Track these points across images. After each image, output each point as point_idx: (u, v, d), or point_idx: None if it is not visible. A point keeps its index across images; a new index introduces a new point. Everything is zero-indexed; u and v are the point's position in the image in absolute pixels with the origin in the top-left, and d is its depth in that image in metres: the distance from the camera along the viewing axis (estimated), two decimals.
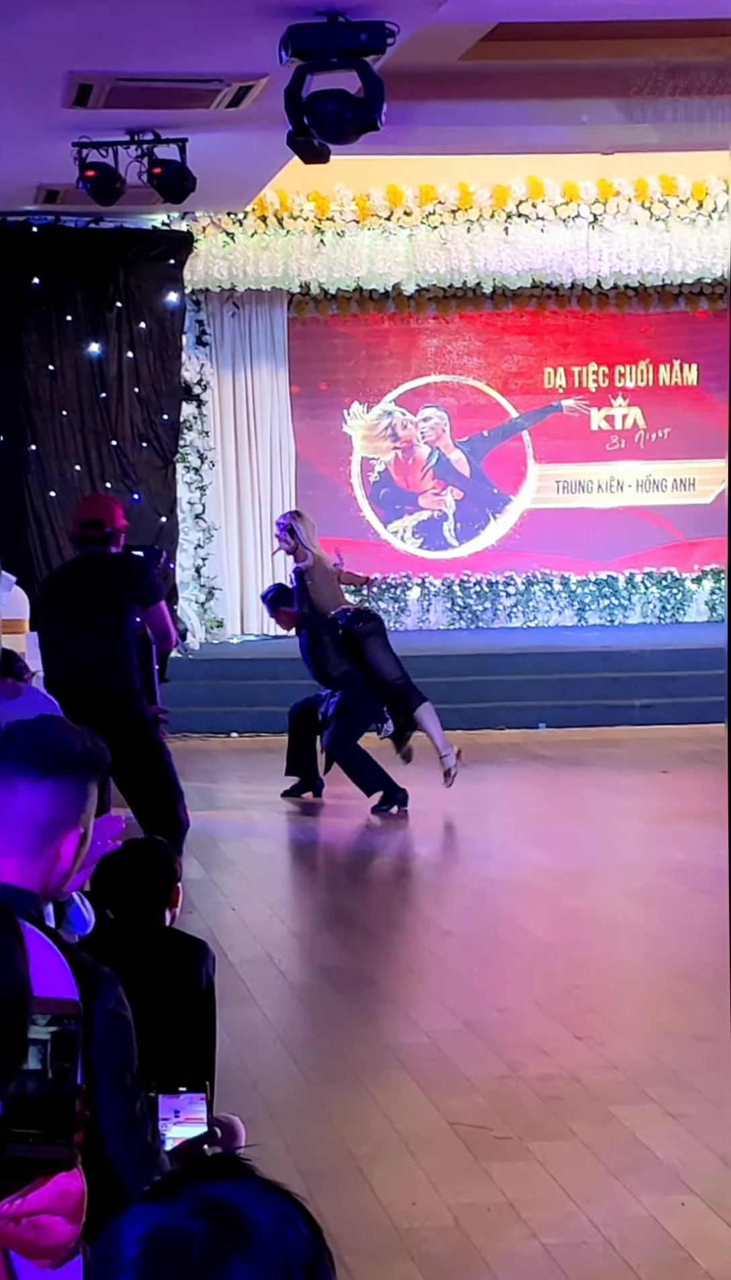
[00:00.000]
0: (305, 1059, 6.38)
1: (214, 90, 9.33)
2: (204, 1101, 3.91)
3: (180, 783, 8.88)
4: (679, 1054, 6.29)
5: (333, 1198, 5.09)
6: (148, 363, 13.71)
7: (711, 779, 11.86)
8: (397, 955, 7.83)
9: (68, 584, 8.79)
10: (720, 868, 9.41)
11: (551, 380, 15.98)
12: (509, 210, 14.37)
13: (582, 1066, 6.20)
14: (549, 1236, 4.78)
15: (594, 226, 14.46)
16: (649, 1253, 4.68)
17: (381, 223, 14.35)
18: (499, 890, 9.11)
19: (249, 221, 14.29)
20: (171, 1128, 3.89)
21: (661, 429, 16.03)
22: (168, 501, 13.91)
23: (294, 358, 15.48)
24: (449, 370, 15.89)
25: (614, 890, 9.14)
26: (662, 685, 13.96)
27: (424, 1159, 5.35)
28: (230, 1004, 6.77)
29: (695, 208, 14.45)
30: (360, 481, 15.86)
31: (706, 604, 16.10)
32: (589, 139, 12.05)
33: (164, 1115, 3.91)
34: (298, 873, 9.89)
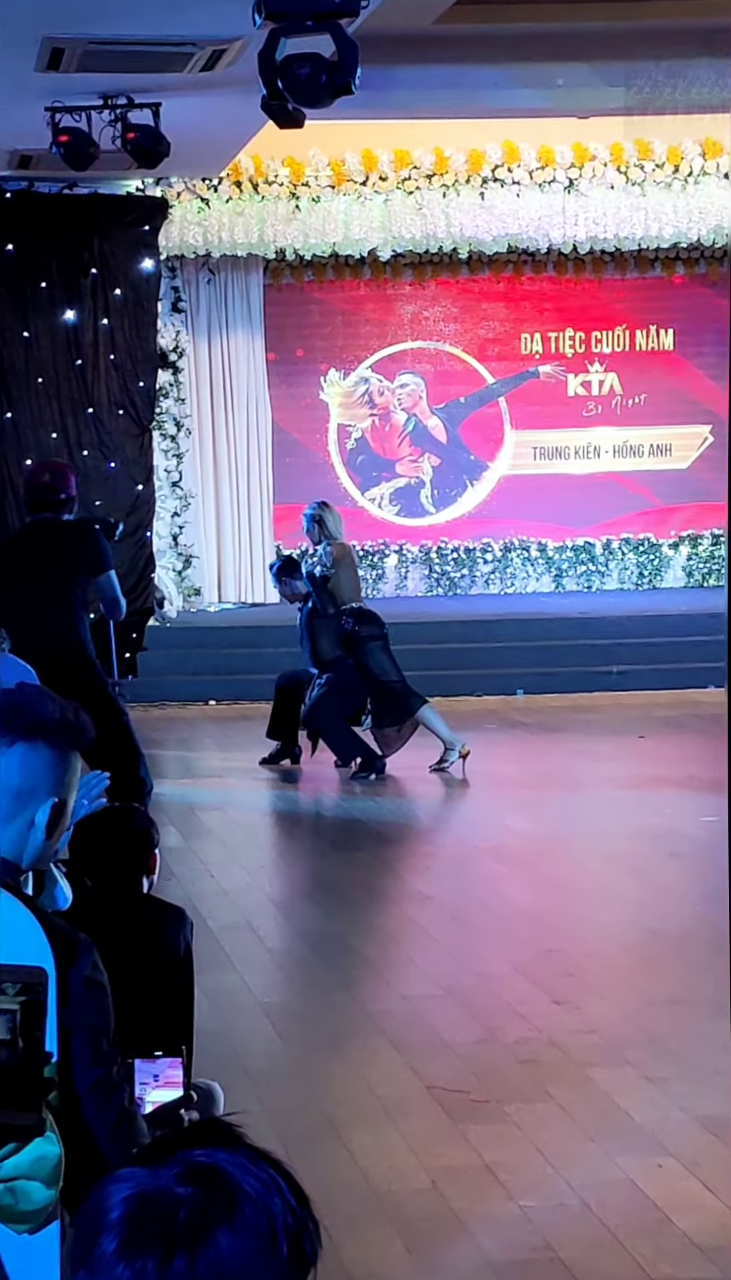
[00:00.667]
0: (284, 1024, 6.39)
1: (187, 54, 9.27)
2: (181, 1066, 3.93)
3: (140, 745, 8.88)
4: (656, 1018, 6.32)
5: (311, 1162, 5.11)
6: (123, 330, 13.64)
7: (688, 744, 11.92)
8: (376, 921, 7.85)
9: (22, 551, 8.68)
10: (696, 833, 9.49)
11: (528, 346, 15.95)
12: (484, 175, 14.32)
13: (560, 1030, 6.23)
14: (526, 1199, 4.80)
15: (570, 191, 14.41)
16: (626, 1214, 4.71)
17: (357, 188, 14.29)
18: (477, 856, 9.13)
19: (224, 187, 14.22)
20: (150, 1092, 3.91)
21: (638, 394, 16.02)
22: (144, 469, 13.86)
23: (270, 324, 15.43)
24: (425, 336, 15.86)
25: (591, 855, 9.16)
26: (640, 651, 13.98)
27: (402, 1123, 5.37)
28: (209, 970, 6.79)
29: (671, 172, 14.41)
30: (337, 448, 15.83)
31: (683, 570, 16.12)
32: (564, 103, 12.00)
33: (142, 1080, 3.92)
34: (276, 840, 9.91)
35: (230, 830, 9.65)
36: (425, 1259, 4.48)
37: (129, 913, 5.10)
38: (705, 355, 16.10)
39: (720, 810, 9.92)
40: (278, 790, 10.91)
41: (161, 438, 14.53)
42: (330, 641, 11.02)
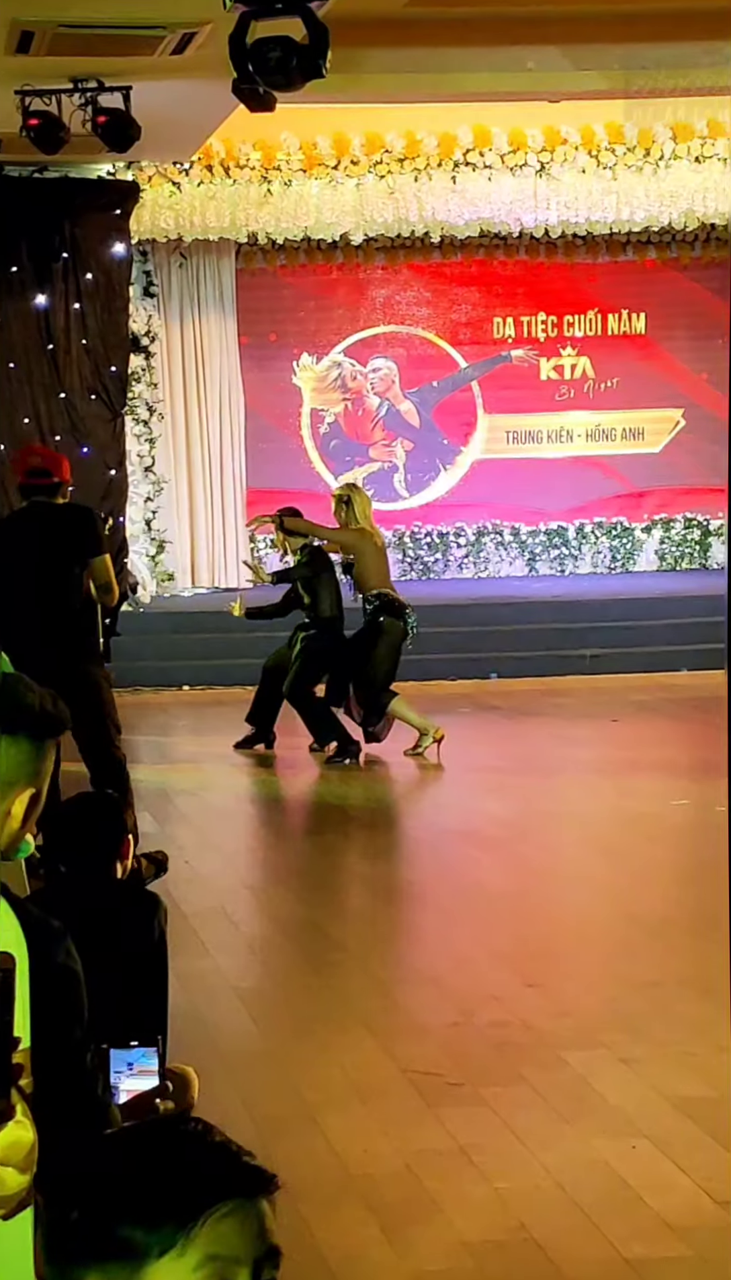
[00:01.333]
0: (258, 1009, 6.40)
1: (158, 37, 9.24)
2: (156, 1054, 3.93)
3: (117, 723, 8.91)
4: (630, 1000, 6.34)
5: (286, 1145, 5.13)
6: (95, 314, 13.61)
7: (661, 727, 11.95)
8: (351, 906, 7.86)
9: (20, 532, 8.69)
10: (669, 816, 9.52)
11: (500, 330, 15.95)
12: (456, 159, 14.30)
13: (535, 1013, 6.25)
14: (500, 1181, 4.82)
15: (541, 175, 14.40)
16: (599, 1195, 4.73)
17: (329, 172, 14.26)
18: (451, 840, 9.15)
19: (195, 171, 14.18)
20: (124, 1080, 3.90)
21: (610, 378, 16.04)
22: (117, 454, 13.84)
23: (242, 308, 15.40)
24: (398, 320, 15.84)
25: (566, 839, 9.19)
26: (613, 634, 14.02)
27: (376, 1106, 5.38)
28: (184, 956, 6.79)
29: (642, 156, 14.41)
30: (310, 433, 15.81)
31: (656, 553, 16.15)
32: (535, 86, 11.98)
33: (116, 1068, 3.92)
34: (251, 825, 9.91)
35: (205, 816, 9.64)
36: (400, 1241, 4.50)
37: (102, 899, 5.10)
38: (677, 339, 16.13)
39: (691, 793, 9.96)
40: (253, 775, 10.91)
41: (134, 422, 14.50)
42: (331, 600, 10.97)
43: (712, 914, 7.54)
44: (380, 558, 11.11)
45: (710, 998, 6.30)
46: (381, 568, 11.11)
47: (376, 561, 11.04)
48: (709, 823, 9.33)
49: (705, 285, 16.04)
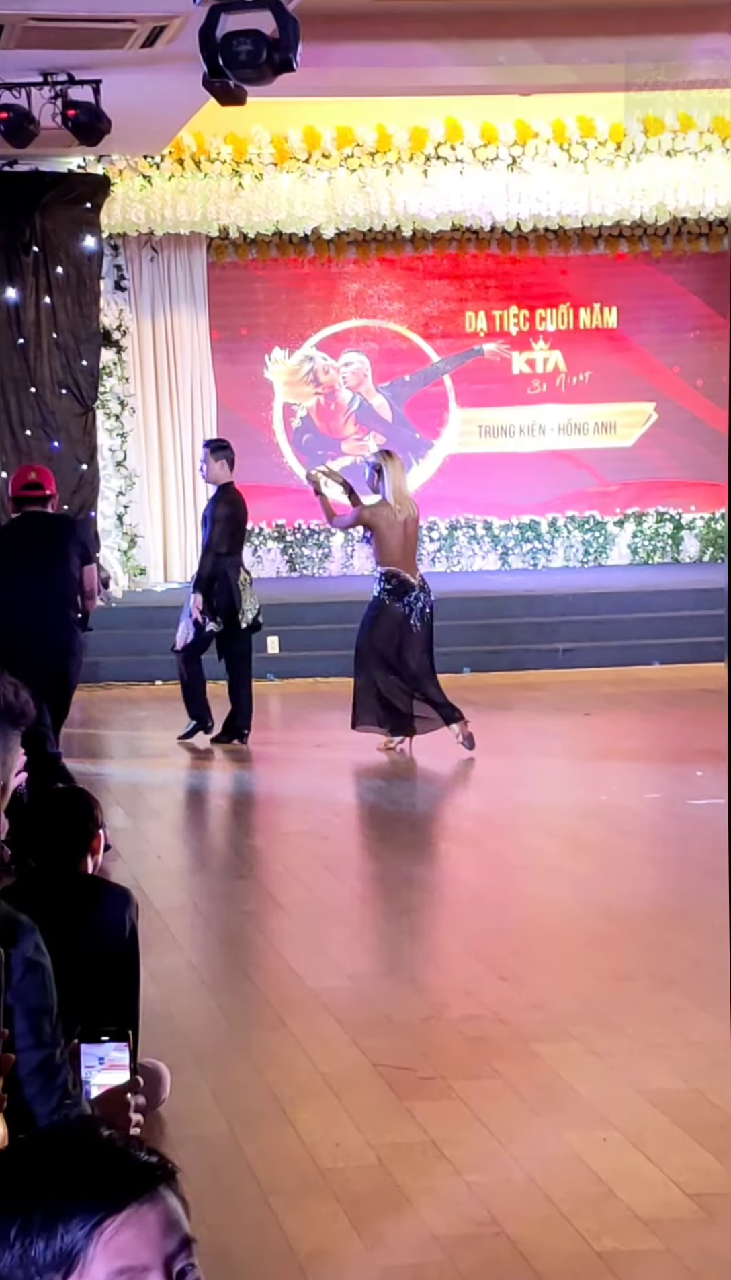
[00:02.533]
0: (229, 1003, 6.39)
1: (127, 30, 9.21)
2: (127, 1049, 3.92)
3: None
4: (601, 993, 6.35)
5: (257, 1140, 5.13)
6: (66, 308, 13.56)
7: (634, 721, 11.98)
8: (322, 899, 7.85)
9: (18, 540, 9.25)
10: (643, 809, 9.54)
11: (472, 324, 15.96)
12: (427, 152, 14.30)
13: (506, 1007, 6.25)
14: (471, 1174, 4.82)
15: (512, 169, 14.40)
16: (571, 1188, 4.73)
17: (300, 165, 14.24)
18: (424, 834, 9.16)
19: (166, 164, 14.14)
20: (95, 1075, 3.89)
21: (582, 372, 16.06)
22: (88, 449, 13.80)
23: (214, 302, 15.38)
24: (370, 314, 15.84)
25: (538, 833, 9.19)
26: (585, 629, 14.03)
27: (347, 1100, 5.38)
28: (155, 951, 6.78)
29: (613, 149, 14.42)
30: (282, 427, 15.80)
31: (629, 547, 16.18)
32: (506, 80, 11.98)
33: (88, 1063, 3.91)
34: (223, 820, 9.90)
35: (177, 810, 9.64)
36: (370, 1234, 4.50)
37: (73, 894, 5.09)
38: (648, 333, 16.15)
39: (663, 787, 9.99)
40: (224, 770, 10.90)
41: (105, 417, 14.47)
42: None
43: (683, 907, 7.57)
44: (397, 532, 10.69)
45: (681, 990, 6.32)
46: (397, 543, 10.73)
47: (392, 536, 10.68)
48: (680, 816, 9.36)
49: (676, 279, 16.07)
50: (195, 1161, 5.01)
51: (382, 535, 10.69)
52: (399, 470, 10.85)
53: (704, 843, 8.68)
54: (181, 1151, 5.08)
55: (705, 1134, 5.04)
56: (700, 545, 16.25)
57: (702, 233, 15.74)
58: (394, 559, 10.72)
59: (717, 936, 6.91)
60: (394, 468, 10.76)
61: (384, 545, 10.68)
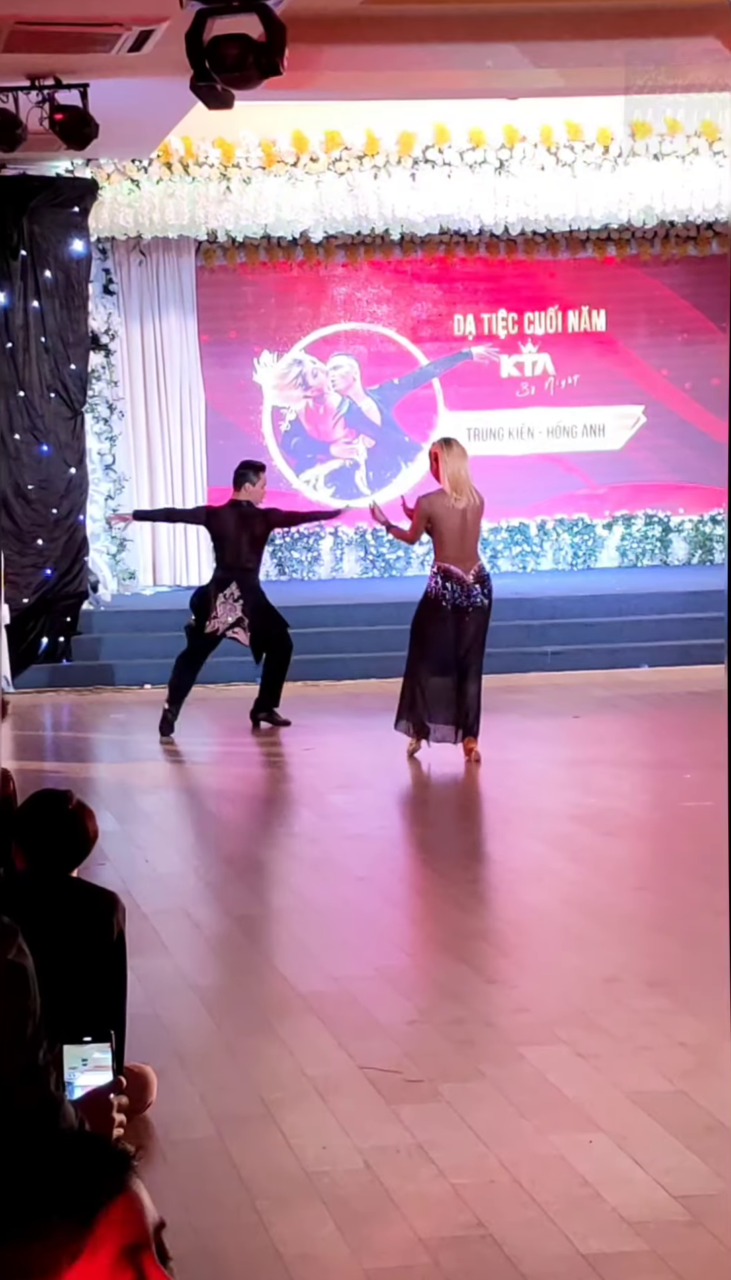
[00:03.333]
0: (217, 1007, 6.39)
1: (115, 34, 9.22)
2: (110, 1050, 3.92)
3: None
4: (588, 995, 6.36)
5: (244, 1143, 5.13)
6: (54, 312, 13.56)
7: (622, 724, 11.98)
8: (310, 903, 7.85)
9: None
10: (630, 812, 9.54)
11: (461, 327, 15.97)
12: (415, 156, 14.31)
13: (493, 1009, 6.26)
14: (458, 1177, 4.83)
15: (500, 172, 14.42)
16: (557, 1190, 4.74)
17: (288, 169, 14.24)
18: (411, 837, 9.16)
19: (154, 168, 14.14)
20: (79, 1076, 3.90)
21: (571, 375, 16.07)
22: (77, 452, 13.80)
23: (202, 306, 15.38)
24: (358, 318, 15.84)
25: (526, 835, 9.20)
26: (574, 632, 14.04)
27: (334, 1103, 5.38)
28: (143, 954, 6.78)
29: (601, 153, 14.44)
30: (271, 430, 15.80)
31: (618, 550, 16.19)
32: (494, 84, 11.99)
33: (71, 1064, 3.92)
34: (211, 823, 9.89)
35: (165, 814, 9.63)
36: (356, 1237, 4.50)
37: (60, 897, 5.09)
38: (637, 336, 16.17)
39: (651, 790, 9.99)
40: (212, 773, 10.90)
41: (94, 420, 14.47)
42: None
43: (670, 909, 7.59)
44: (455, 521, 10.33)
45: (667, 992, 6.33)
46: (454, 534, 10.36)
47: (449, 526, 10.32)
48: (669, 819, 9.37)
49: (664, 282, 16.09)
50: (182, 1165, 5.02)
51: (440, 525, 10.32)
52: (457, 458, 10.43)
53: (692, 845, 8.69)
54: (169, 1155, 5.08)
55: (691, 1136, 5.05)
56: (689, 548, 16.26)
57: (690, 236, 15.76)
58: (449, 554, 10.39)
59: (704, 939, 6.93)
60: (451, 455, 10.39)
61: (440, 537, 10.34)
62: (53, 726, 12.67)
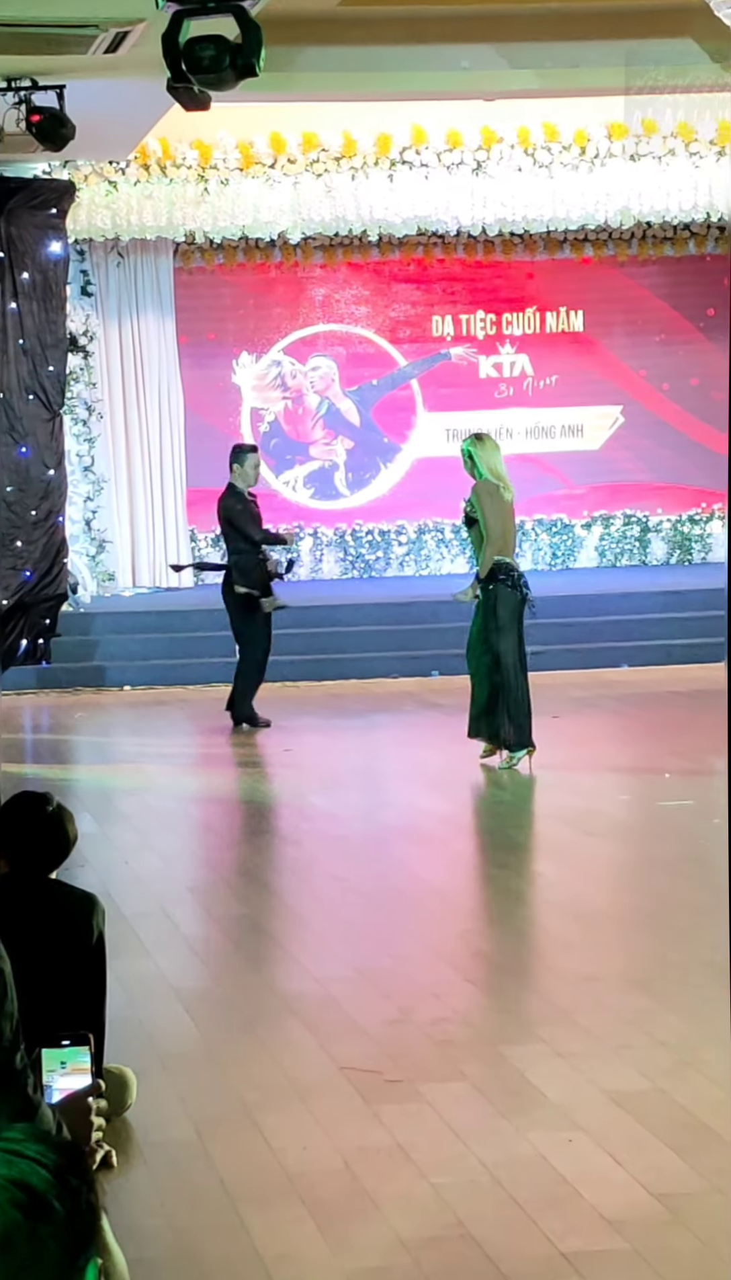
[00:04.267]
0: (198, 1009, 6.39)
1: (90, 36, 9.21)
2: (89, 1052, 3.92)
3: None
4: (568, 995, 6.37)
5: (224, 1145, 5.13)
6: (32, 314, 13.53)
7: (602, 724, 12.00)
8: (291, 904, 7.86)
9: None
10: (610, 812, 9.56)
11: (439, 328, 15.98)
12: (392, 157, 14.32)
13: (473, 1009, 6.27)
14: (438, 1176, 4.83)
15: (478, 173, 14.43)
16: (537, 1189, 4.74)
17: (265, 170, 14.25)
18: (393, 838, 9.16)
19: (132, 170, 14.14)
20: (57, 1079, 3.89)
21: (549, 376, 16.09)
22: (56, 454, 13.77)
23: (181, 307, 15.38)
24: (337, 319, 15.85)
25: (506, 835, 9.21)
26: (553, 631, 14.02)
27: (314, 1104, 5.38)
28: (123, 957, 6.78)
29: (578, 154, 14.46)
30: (250, 431, 15.79)
31: (596, 550, 16.22)
32: (470, 85, 12.01)
33: (50, 1067, 3.91)
34: (191, 825, 9.89)
35: (146, 816, 9.62)
36: (336, 1238, 4.50)
37: (40, 899, 5.09)
38: (614, 336, 16.20)
39: (631, 789, 10.01)
40: (192, 776, 10.89)
41: (73, 422, 14.46)
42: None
43: (650, 908, 7.60)
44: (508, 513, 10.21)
45: (646, 991, 6.34)
46: (512, 528, 10.28)
47: (503, 518, 10.15)
48: (649, 818, 9.38)
49: (642, 283, 16.12)
50: (162, 1166, 5.01)
51: (491, 519, 10.08)
52: (492, 451, 10.31)
53: (672, 844, 8.71)
54: (149, 1156, 5.08)
55: (670, 1134, 5.06)
56: (667, 548, 16.29)
57: (667, 237, 15.79)
58: (508, 546, 10.22)
59: (684, 938, 6.95)
60: (485, 450, 10.26)
61: (493, 531, 10.09)
62: (33, 729, 12.65)
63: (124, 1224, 4.39)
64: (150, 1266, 4.26)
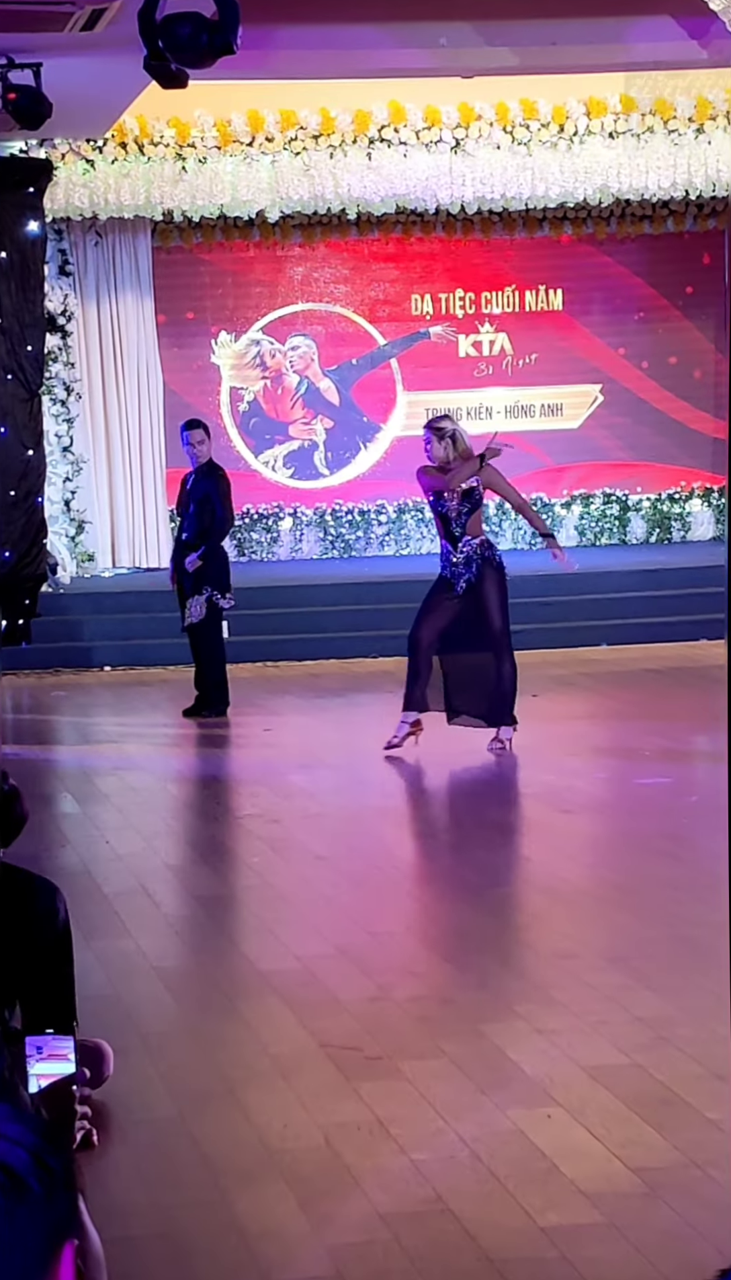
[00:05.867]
0: (179, 987, 6.42)
1: (67, 13, 9.17)
2: (71, 1041, 3.94)
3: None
4: (545, 972, 6.40)
5: (206, 1122, 5.15)
6: (9, 294, 13.47)
7: (580, 702, 12.03)
8: (271, 882, 7.88)
9: None
10: (589, 789, 9.59)
11: (418, 307, 15.97)
12: (371, 135, 14.29)
13: (452, 986, 6.30)
14: (417, 1152, 4.86)
15: (456, 151, 14.41)
16: (515, 1164, 4.78)
17: (243, 149, 14.21)
18: (370, 815, 9.19)
19: (109, 148, 14.09)
20: (34, 1064, 3.91)
21: (528, 354, 16.09)
22: (34, 434, 13.73)
23: (159, 286, 15.34)
24: (316, 298, 15.83)
25: (483, 813, 9.24)
26: (533, 611, 14.03)
27: (295, 1081, 5.41)
28: (104, 936, 6.81)
29: (556, 132, 14.44)
30: (229, 411, 15.78)
31: (576, 529, 16.24)
32: (448, 62, 11.98)
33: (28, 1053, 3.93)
34: (172, 805, 9.91)
35: (126, 796, 9.64)
36: (317, 1214, 4.53)
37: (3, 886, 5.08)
38: (593, 315, 16.20)
39: (609, 767, 10.04)
40: (172, 755, 10.91)
41: (51, 402, 14.42)
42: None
43: (628, 885, 7.64)
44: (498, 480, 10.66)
45: (623, 968, 6.38)
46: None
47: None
48: (627, 795, 9.42)
49: (620, 261, 16.12)
50: (144, 1144, 5.04)
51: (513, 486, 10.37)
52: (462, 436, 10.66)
53: (648, 821, 8.75)
54: (130, 1134, 5.10)
55: (648, 1109, 5.10)
56: (646, 527, 16.32)
57: (645, 215, 15.79)
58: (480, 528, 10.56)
59: (660, 915, 6.99)
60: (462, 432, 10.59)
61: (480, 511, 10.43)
62: (13, 709, 12.64)
63: (106, 1202, 4.42)
64: (132, 1244, 4.28)
